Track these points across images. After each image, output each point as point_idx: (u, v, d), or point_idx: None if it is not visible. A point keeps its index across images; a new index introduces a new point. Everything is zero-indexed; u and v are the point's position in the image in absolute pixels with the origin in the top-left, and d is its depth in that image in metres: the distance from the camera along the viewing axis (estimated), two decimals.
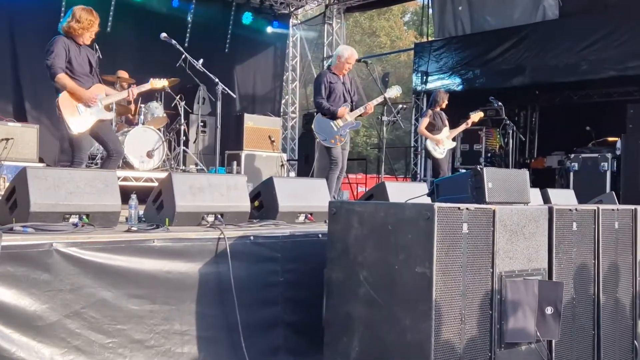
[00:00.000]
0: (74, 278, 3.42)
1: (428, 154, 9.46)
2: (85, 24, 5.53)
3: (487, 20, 12.01)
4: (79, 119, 5.50)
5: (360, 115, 7.43)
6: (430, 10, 13.26)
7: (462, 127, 9.51)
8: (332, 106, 7.19)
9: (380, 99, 7.49)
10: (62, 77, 5.47)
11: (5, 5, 10.49)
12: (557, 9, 11.01)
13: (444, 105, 9.35)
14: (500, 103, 9.39)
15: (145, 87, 6.28)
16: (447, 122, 9.35)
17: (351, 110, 7.33)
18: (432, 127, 9.22)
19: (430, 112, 9.30)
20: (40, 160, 9.06)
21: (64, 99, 5.51)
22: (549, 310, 3.61)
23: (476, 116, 9.49)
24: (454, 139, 9.49)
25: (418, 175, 12.74)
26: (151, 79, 6.34)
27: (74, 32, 5.53)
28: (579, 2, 10.88)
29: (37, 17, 10.46)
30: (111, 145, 5.81)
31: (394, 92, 7.61)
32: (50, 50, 5.46)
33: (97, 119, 5.61)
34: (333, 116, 7.18)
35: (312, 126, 7.34)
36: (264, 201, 5.11)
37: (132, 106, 9.15)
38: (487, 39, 11.71)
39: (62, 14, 10.47)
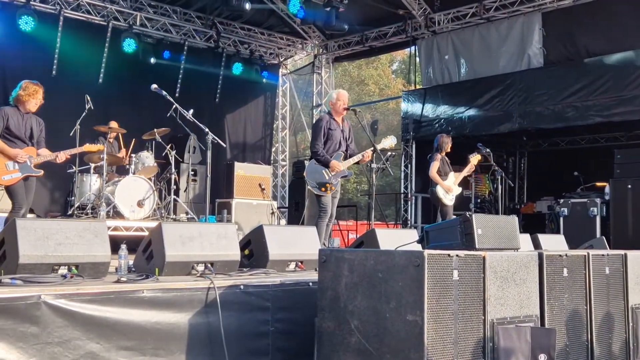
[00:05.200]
0: (62, 330, 3.37)
1: (437, 201, 9.15)
2: (30, 91, 6.49)
3: (473, 69, 12.24)
4: (7, 173, 6.43)
5: (357, 163, 7.39)
6: (418, 59, 13.48)
7: (466, 171, 9.30)
8: (327, 154, 7.18)
9: (378, 147, 7.24)
10: None
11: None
12: (542, 57, 11.24)
13: (448, 149, 9.27)
14: (488, 149, 9.49)
15: (76, 150, 7.33)
16: (450, 167, 9.26)
17: (345, 158, 7.32)
18: (440, 172, 9.09)
19: (439, 156, 9.16)
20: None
21: None
22: (542, 357, 3.58)
23: (475, 159, 9.35)
24: (459, 185, 9.30)
25: (408, 222, 12.75)
26: (86, 144, 7.35)
27: (21, 98, 6.49)
28: (563, 51, 11.11)
29: (29, 71, 10.57)
30: (26, 200, 6.62)
31: (388, 142, 7.53)
32: None
33: (24, 174, 6.53)
34: (326, 165, 7.17)
35: (305, 172, 7.31)
36: (254, 249, 5.10)
37: (123, 155, 9.20)
38: (474, 87, 11.90)
39: (53, 68, 10.64)
